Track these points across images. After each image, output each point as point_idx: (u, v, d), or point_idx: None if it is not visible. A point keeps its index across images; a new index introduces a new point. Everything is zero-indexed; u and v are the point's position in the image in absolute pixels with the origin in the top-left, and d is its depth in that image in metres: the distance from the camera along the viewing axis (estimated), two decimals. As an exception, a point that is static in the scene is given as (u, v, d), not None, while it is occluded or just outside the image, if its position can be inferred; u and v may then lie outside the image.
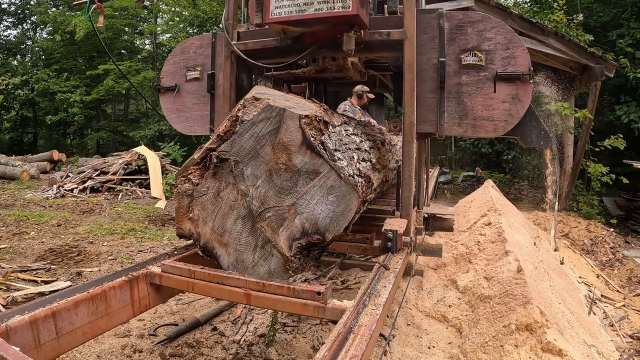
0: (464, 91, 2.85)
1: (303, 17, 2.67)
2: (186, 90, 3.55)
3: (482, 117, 2.82)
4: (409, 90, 2.85)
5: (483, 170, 16.08)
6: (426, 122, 2.92)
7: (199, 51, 3.51)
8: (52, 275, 4.77)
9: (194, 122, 3.51)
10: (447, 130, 2.89)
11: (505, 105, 2.77)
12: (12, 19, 26.09)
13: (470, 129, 2.85)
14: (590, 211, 9.85)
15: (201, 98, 3.48)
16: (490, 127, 2.82)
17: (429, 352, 3.29)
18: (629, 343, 4.04)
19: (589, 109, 9.33)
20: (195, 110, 3.51)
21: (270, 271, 2.09)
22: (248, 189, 2.09)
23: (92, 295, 1.91)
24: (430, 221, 3.78)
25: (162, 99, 3.65)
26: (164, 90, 3.62)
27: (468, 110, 2.85)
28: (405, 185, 2.89)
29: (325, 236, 2.00)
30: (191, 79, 3.51)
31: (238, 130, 2.07)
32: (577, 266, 6.46)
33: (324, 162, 1.97)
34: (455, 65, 2.85)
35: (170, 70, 3.63)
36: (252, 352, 3.17)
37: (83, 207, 9.11)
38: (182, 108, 3.56)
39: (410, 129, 2.86)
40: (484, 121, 2.82)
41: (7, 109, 24.90)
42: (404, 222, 2.70)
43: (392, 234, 2.49)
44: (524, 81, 2.72)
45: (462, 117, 2.86)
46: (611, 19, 12.88)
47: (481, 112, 2.82)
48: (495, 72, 2.76)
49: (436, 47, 2.87)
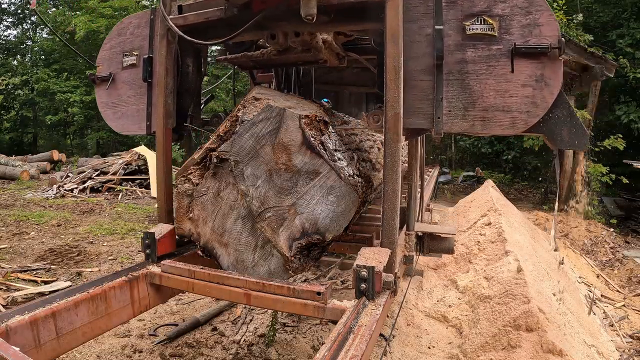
0: (470, 71, 2.12)
1: None
2: (122, 79, 2.91)
3: (495, 107, 2.10)
4: (392, 71, 2.08)
5: (483, 170, 16.08)
6: (418, 115, 2.18)
7: (137, 32, 2.87)
8: (52, 275, 4.77)
9: (129, 118, 2.89)
10: (447, 126, 2.15)
11: (527, 90, 2.07)
12: (12, 19, 26.10)
13: (479, 124, 2.12)
14: (590, 211, 9.86)
15: (138, 89, 2.84)
16: (507, 121, 2.09)
17: (429, 352, 3.29)
18: (629, 343, 4.04)
19: (588, 109, 9.32)
20: (131, 104, 2.88)
21: (270, 271, 2.09)
22: (248, 189, 2.09)
23: (92, 295, 1.91)
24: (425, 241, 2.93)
25: (97, 92, 3.05)
26: (99, 81, 2.99)
27: (476, 97, 2.12)
28: (388, 202, 2.08)
29: (325, 236, 2.00)
30: (127, 66, 2.87)
31: (238, 130, 2.07)
32: (577, 266, 6.46)
33: (324, 162, 1.97)
34: (457, 36, 2.13)
35: (105, 57, 2.99)
36: (252, 352, 3.17)
37: (83, 207, 9.11)
38: (118, 102, 2.94)
39: (394, 123, 2.09)
40: (498, 112, 2.09)
41: (7, 109, 24.91)
42: (385, 254, 2.03)
43: (367, 272, 1.87)
44: (552, 57, 2.03)
45: (468, 107, 2.13)
46: (611, 19, 12.89)
47: (494, 99, 2.10)
48: (512, 44, 2.04)
49: (431, 11, 2.15)
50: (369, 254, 2.00)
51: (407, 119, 2.16)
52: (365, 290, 1.87)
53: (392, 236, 2.12)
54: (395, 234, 2.13)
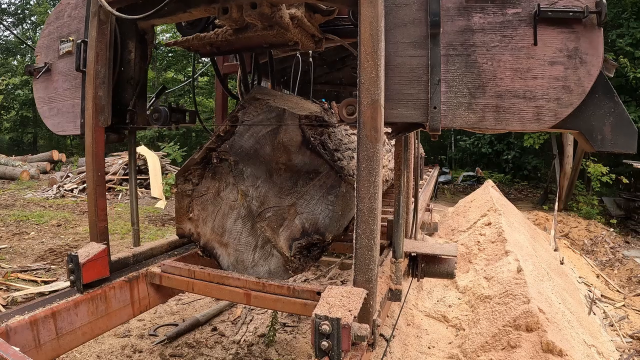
0: (478, 44, 1.57)
1: None
2: (58, 70, 2.50)
3: (513, 93, 1.55)
4: (368, 42, 1.54)
5: (483, 170, 16.09)
6: (406, 103, 1.63)
7: (74, 13, 2.45)
8: (52, 275, 4.76)
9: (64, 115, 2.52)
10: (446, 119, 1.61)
11: (557, 69, 1.52)
12: (12, 19, 26.10)
13: (491, 116, 1.57)
14: (590, 211, 9.87)
15: (73, 80, 2.44)
16: (530, 113, 1.54)
17: (429, 352, 3.29)
18: (629, 343, 4.04)
19: (589, 108, 9.32)
20: (67, 98, 2.49)
21: (270, 271, 2.09)
22: (248, 189, 2.09)
23: (92, 295, 1.91)
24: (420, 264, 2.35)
25: (34, 86, 2.66)
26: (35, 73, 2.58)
27: (486, 79, 1.56)
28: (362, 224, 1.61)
29: (325, 236, 2.00)
30: (64, 54, 2.45)
31: (238, 130, 2.07)
32: (577, 266, 6.46)
33: (323, 162, 1.97)
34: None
35: (44, 44, 2.59)
36: (252, 352, 3.17)
37: (83, 207, 9.11)
38: (54, 96, 2.55)
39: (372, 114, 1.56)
40: (518, 101, 1.54)
41: (7, 109, 24.91)
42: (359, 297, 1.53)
43: (329, 325, 1.41)
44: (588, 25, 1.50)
45: (476, 93, 1.57)
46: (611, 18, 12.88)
47: (511, 82, 1.55)
48: (535, 7, 1.50)
49: None
50: (336, 297, 1.50)
51: (390, 109, 1.62)
52: (328, 349, 1.40)
53: (368, 272, 1.57)
54: (373, 268, 1.59)
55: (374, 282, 1.60)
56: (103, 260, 2.05)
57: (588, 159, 10.18)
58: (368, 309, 1.59)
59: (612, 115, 1.64)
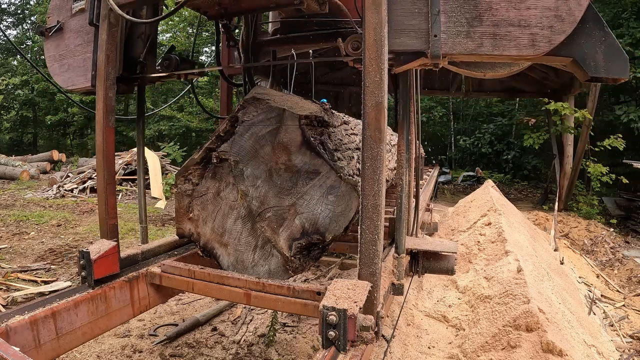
0: None
1: None
2: (70, 28, 2.58)
3: (509, 22, 1.67)
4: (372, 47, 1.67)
5: (483, 170, 16.09)
6: (408, 33, 1.74)
7: None
8: (52, 275, 4.76)
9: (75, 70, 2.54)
10: (447, 46, 1.71)
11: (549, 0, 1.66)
12: (12, 19, 26.09)
13: (488, 42, 1.68)
14: (590, 211, 9.86)
15: (85, 36, 2.49)
16: (525, 39, 1.66)
17: (429, 352, 3.29)
18: (629, 343, 4.04)
19: (588, 108, 9.32)
20: (78, 53, 2.54)
21: (270, 271, 2.09)
22: (248, 189, 2.09)
23: (92, 295, 1.91)
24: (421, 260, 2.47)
25: (45, 46, 2.75)
26: (47, 33, 2.69)
27: (483, 9, 1.68)
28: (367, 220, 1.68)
29: (325, 236, 2.00)
30: (77, 12, 2.53)
31: (238, 130, 2.08)
32: (577, 266, 6.46)
33: (323, 162, 1.97)
34: None
35: (56, 5, 2.70)
36: (252, 352, 3.17)
37: (83, 207, 9.11)
38: (65, 53, 2.62)
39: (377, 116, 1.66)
40: (513, 28, 1.67)
41: (7, 109, 24.90)
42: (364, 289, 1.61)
43: (336, 316, 1.49)
44: None
45: (474, 21, 1.70)
46: (611, 18, 12.88)
47: (506, 12, 1.67)
48: None
49: None
50: (342, 290, 1.60)
51: (394, 39, 1.71)
52: (335, 339, 1.50)
53: (372, 265, 1.67)
54: (377, 262, 1.67)
55: (377, 275, 1.70)
56: (113, 257, 2.12)
57: (588, 159, 10.17)
58: (372, 301, 1.68)
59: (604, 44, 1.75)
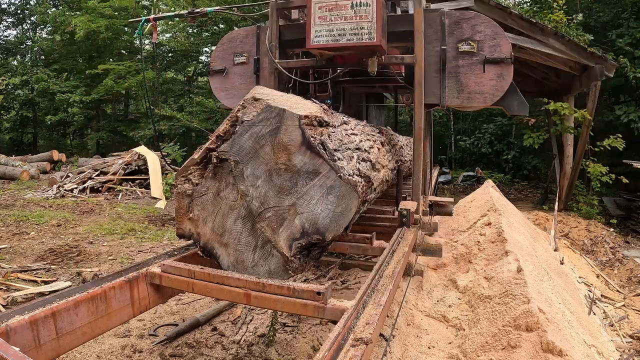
0: (461, 72, 3.57)
1: (337, 45, 3.39)
2: (233, 72, 4.32)
3: (474, 91, 3.53)
4: (419, 71, 3.56)
5: (483, 170, 16.08)
6: (432, 95, 3.64)
7: (245, 40, 4.29)
8: (52, 275, 4.76)
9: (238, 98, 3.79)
10: (447, 102, 3.60)
11: (493, 82, 3.48)
12: (12, 19, 26.07)
13: (465, 101, 3.57)
14: (590, 211, 9.85)
15: (247, 78, 4.25)
16: (481, 99, 3.53)
17: (429, 352, 3.29)
18: (629, 343, 4.04)
19: (588, 108, 9.32)
20: (242, 88, 4.19)
21: (270, 271, 2.09)
22: (248, 189, 2.09)
23: (92, 295, 1.91)
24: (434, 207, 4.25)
25: (211, 80, 4.45)
26: (213, 73, 4.40)
27: (464, 86, 3.55)
28: (416, 175, 3.75)
29: (325, 236, 2.00)
30: (238, 63, 4.29)
31: (238, 130, 2.07)
32: (577, 266, 6.46)
33: (323, 162, 1.97)
34: (454, 52, 3.59)
35: (219, 56, 4.39)
36: (252, 352, 3.17)
37: (83, 207, 9.11)
38: (230, 87, 4.32)
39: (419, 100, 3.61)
40: (476, 94, 3.53)
41: (7, 109, 24.89)
42: (415, 204, 3.44)
43: (406, 211, 3.09)
44: (507, 63, 3.46)
45: (459, 91, 3.58)
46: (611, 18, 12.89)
47: (474, 87, 3.53)
48: (484, 57, 3.49)
49: (439, 37, 3.61)
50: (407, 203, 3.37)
51: (426, 98, 3.63)
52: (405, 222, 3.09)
53: (417, 195, 3.69)
54: (419, 193, 3.70)
55: (419, 199, 3.69)
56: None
57: (588, 158, 10.16)
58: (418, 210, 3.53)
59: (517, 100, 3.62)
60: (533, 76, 11.75)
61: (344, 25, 3.34)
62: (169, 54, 22.23)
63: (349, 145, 2.32)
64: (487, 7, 8.73)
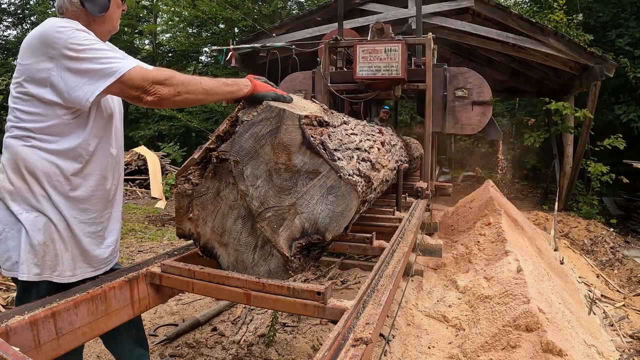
0: (456, 109, 5.12)
1: (374, 77, 4.89)
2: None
3: (466, 123, 5.11)
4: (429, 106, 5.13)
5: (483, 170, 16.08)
6: (436, 126, 5.19)
7: (303, 81, 5.66)
8: (52, 276, 4.75)
9: None
10: (447, 130, 5.18)
11: (478, 117, 5.05)
12: (12, 19, 26.07)
13: (459, 129, 5.16)
14: (590, 211, 9.85)
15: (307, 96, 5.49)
16: (470, 129, 5.12)
17: (429, 352, 3.29)
18: (629, 343, 4.04)
19: (588, 108, 9.32)
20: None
21: (270, 271, 2.09)
22: (248, 189, 2.08)
23: (92, 295, 1.91)
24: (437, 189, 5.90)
25: None
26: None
27: (458, 119, 5.12)
28: (426, 165, 5.25)
29: (325, 236, 2.00)
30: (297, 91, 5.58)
31: (237, 130, 2.07)
32: (577, 266, 6.46)
33: (323, 162, 1.97)
34: (452, 96, 5.12)
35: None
36: (252, 352, 3.17)
37: (83, 207, 9.09)
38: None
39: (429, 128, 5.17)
40: (467, 125, 5.11)
41: (7, 109, 24.85)
42: (426, 184, 4.70)
43: (420, 189, 4.31)
44: (488, 104, 5.03)
45: (455, 123, 5.15)
46: (611, 18, 12.89)
47: (465, 120, 5.10)
48: (472, 100, 5.04)
49: (442, 86, 5.12)
50: (420, 183, 4.59)
51: (433, 127, 5.17)
52: (419, 195, 4.25)
53: (427, 177, 5.17)
54: (428, 177, 5.18)
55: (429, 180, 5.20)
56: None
57: (588, 158, 10.16)
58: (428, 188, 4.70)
59: (494, 128, 5.37)
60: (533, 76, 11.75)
61: (379, 63, 4.81)
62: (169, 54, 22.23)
63: (349, 145, 2.32)
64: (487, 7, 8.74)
